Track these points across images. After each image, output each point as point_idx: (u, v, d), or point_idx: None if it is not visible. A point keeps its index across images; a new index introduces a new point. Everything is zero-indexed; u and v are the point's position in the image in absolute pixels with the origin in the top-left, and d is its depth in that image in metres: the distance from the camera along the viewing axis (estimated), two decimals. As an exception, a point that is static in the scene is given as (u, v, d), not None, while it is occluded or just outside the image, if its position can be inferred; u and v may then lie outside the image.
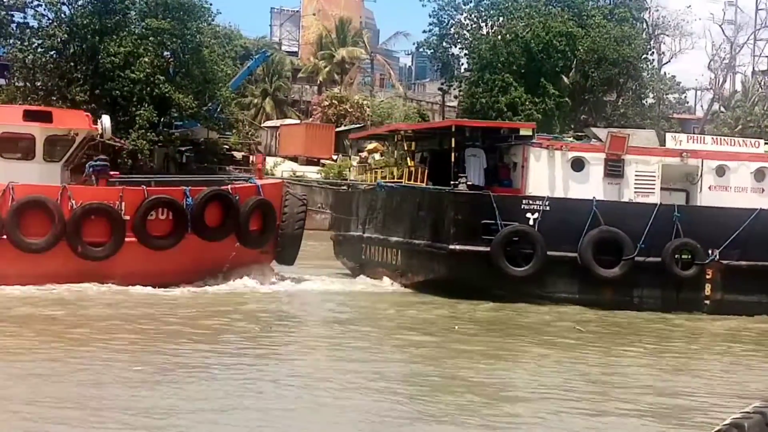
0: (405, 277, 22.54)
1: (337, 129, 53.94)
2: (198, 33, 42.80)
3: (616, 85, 48.53)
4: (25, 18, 42.59)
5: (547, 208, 20.53)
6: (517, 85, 44.34)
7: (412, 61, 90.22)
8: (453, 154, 21.63)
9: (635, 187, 21.68)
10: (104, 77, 40.51)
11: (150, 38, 41.25)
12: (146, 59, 40.85)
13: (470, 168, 21.89)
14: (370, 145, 53.38)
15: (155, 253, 20.12)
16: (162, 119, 43.26)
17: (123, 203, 19.98)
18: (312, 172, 48.48)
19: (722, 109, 59.03)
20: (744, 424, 3.31)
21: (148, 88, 40.57)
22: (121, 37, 40.81)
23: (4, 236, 19.30)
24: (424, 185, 22.37)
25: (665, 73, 55.70)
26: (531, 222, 20.42)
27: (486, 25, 51.14)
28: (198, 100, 43.03)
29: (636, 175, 21.75)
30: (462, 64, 54.16)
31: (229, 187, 21.63)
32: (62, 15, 41.51)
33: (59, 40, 40.79)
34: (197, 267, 20.64)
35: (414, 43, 59.37)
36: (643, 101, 51.01)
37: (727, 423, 3.35)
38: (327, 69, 65.47)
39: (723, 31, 60.31)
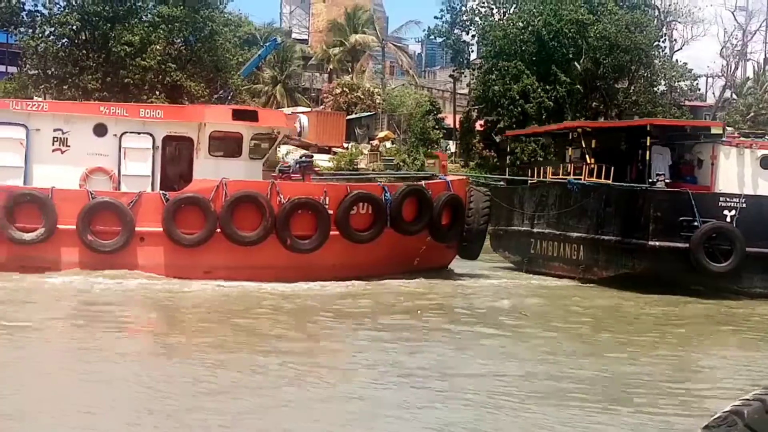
0: (589, 272, 22.88)
1: (348, 117, 53.88)
2: (209, 21, 42.57)
3: (628, 72, 48.14)
4: (36, 6, 42.48)
5: (744, 205, 21.14)
6: (529, 72, 44.17)
7: (422, 49, 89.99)
8: (647, 152, 22.28)
9: None
10: (116, 65, 40.38)
11: (161, 26, 41.14)
12: (158, 47, 40.76)
13: (656, 165, 22.52)
14: (381, 133, 53.43)
15: (356, 246, 20.67)
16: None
17: (327, 198, 20.51)
18: (323, 161, 48.48)
19: (734, 96, 58.76)
20: (744, 411, 3.23)
21: (160, 76, 40.53)
22: (133, 25, 40.69)
23: (218, 230, 19.78)
24: (610, 182, 22.88)
25: (677, 60, 55.20)
26: (728, 219, 21.05)
27: (498, 12, 50.94)
28: (209, 88, 42.85)
29: None
30: (473, 51, 54.14)
31: (422, 182, 22.18)
32: (73, 2, 41.25)
33: (71, 27, 40.60)
34: (391, 260, 21.11)
35: (424, 30, 59.05)
36: (655, 88, 50.58)
37: (727, 410, 3.27)
38: (338, 56, 65.27)
39: (735, 17, 60.12)
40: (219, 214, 19.95)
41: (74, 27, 40.55)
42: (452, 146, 52.03)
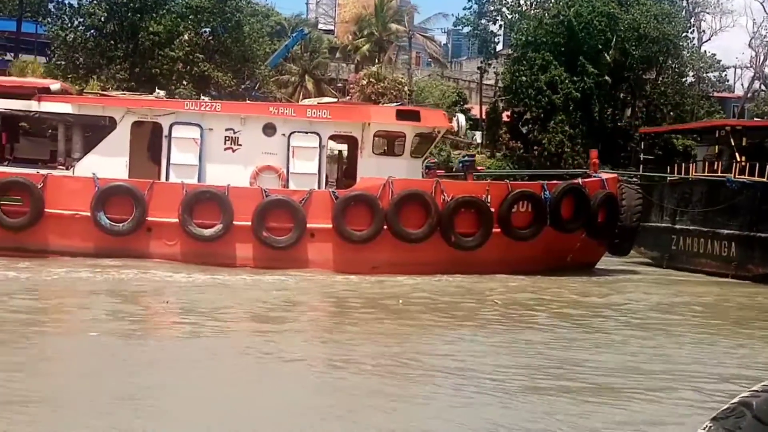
0: (742, 269, 23.18)
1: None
2: (237, 11, 42.28)
3: (656, 63, 47.78)
4: None
5: None
6: (556, 63, 43.89)
7: (447, 39, 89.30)
8: None
9: None
10: (144, 55, 40.08)
11: (189, 16, 40.82)
12: (185, 37, 40.61)
13: None
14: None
15: (516, 243, 21.23)
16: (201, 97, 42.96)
17: (489, 196, 21.10)
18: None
19: (763, 87, 58.10)
20: (752, 402, 3.14)
21: (188, 66, 40.25)
22: (161, 15, 40.35)
23: (385, 227, 20.50)
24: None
25: (705, 51, 54.69)
26: None
27: (526, 2, 50.64)
28: (237, 78, 42.62)
29: None
30: (499, 41, 53.90)
31: (579, 180, 22.68)
32: (101, -7, 41.10)
33: (99, 18, 40.26)
34: (547, 257, 21.69)
35: (453, 16, 58.34)
36: (683, 80, 50.15)
37: (735, 401, 3.18)
38: (366, 46, 64.84)
39: (764, 8, 58.84)
40: (386, 212, 20.62)
41: (102, 18, 40.29)
42: (479, 137, 51.94)
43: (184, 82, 39.41)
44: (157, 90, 25.39)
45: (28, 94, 21.01)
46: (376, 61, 61.49)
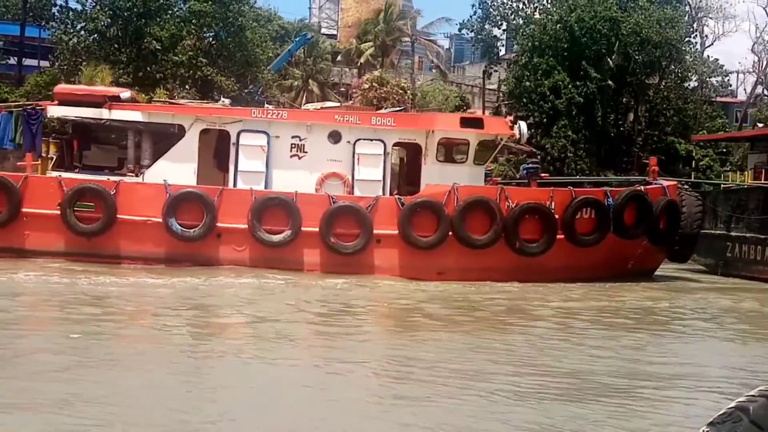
0: None
1: (378, 112, 53.57)
2: (240, 16, 42.21)
3: (659, 68, 47.75)
4: (67, 1, 42.62)
5: None
6: (560, 68, 43.90)
7: (450, 44, 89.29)
8: None
9: None
10: (147, 60, 39.87)
11: (192, 21, 40.72)
12: (189, 42, 40.51)
13: None
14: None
15: (580, 249, 21.47)
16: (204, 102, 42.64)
17: (553, 203, 21.33)
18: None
19: (765, 92, 58.19)
20: (749, 407, 3.14)
21: (191, 71, 40.11)
22: (164, 20, 40.39)
23: (450, 233, 20.75)
24: None
25: (708, 56, 55.02)
26: None
27: (529, 7, 50.65)
28: (240, 83, 42.76)
29: None
30: (502, 46, 53.86)
31: (641, 188, 22.90)
32: (105, -2, 41.17)
33: (103, 23, 40.16)
34: (609, 263, 21.90)
35: (457, 23, 58.39)
36: (686, 84, 50.18)
37: (732, 406, 3.18)
38: (369, 51, 64.79)
39: (767, 13, 59.13)
40: (451, 218, 20.85)
41: (105, 22, 40.18)
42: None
43: (187, 87, 39.46)
44: (222, 98, 25.67)
45: (99, 102, 21.37)
46: (379, 65, 61.64)
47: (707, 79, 52.62)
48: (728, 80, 56.47)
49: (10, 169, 21.62)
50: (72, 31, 40.66)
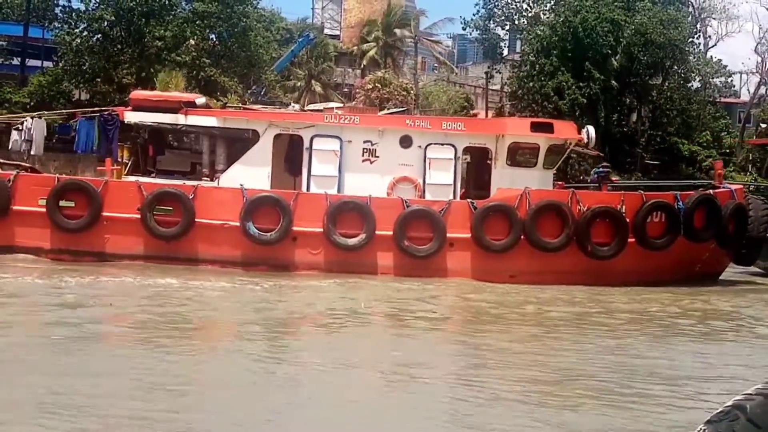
0: None
1: (380, 113, 53.48)
2: (243, 16, 42.51)
3: (662, 68, 47.95)
4: (70, 1, 42.99)
5: None
6: (564, 69, 44.01)
7: (453, 45, 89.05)
8: None
9: None
10: (150, 60, 40.06)
11: (196, 22, 40.95)
12: (192, 42, 40.82)
13: None
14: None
15: (650, 253, 21.60)
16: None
17: (624, 207, 21.53)
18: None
19: None
20: (746, 405, 3.13)
21: (194, 72, 40.30)
22: (167, 20, 40.56)
23: (523, 236, 20.99)
24: None
25: (711, 56, 55.03)
26: None
27: (536, 8, 50.57)
28: (243, 84, 42.96)
29: None
30: (505, 46, 53.73)
31: (711, 191, 22.99)
32: (108, -2, 41.23)
33: (106, 24, 40.41)
34: (677, 266, 22.06)
35: (461, 21, 58.07)
36: (689, 85, 50.33)
37: (729, 404, 3.16)
38: (373, 51, 64.57)
39: None
40: (524, 222, 21.06)
41: (108, 22, 40.33)
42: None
43: (191, 87, 38.95)
44: (292, 104, 25.99)
45: (174, 108, 21.68)
46: (382, 66, 61.70)
47: (710, 79, 52.63)
48: (731, 81, 56.58)
49: (93, 175, 21.97)
50: (75, 31, 40.80)
